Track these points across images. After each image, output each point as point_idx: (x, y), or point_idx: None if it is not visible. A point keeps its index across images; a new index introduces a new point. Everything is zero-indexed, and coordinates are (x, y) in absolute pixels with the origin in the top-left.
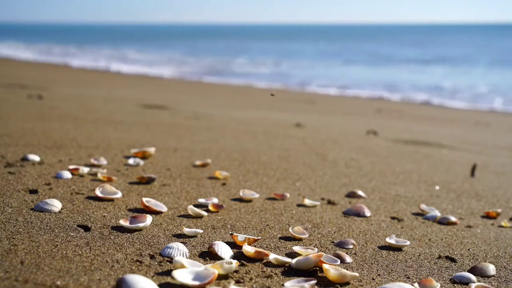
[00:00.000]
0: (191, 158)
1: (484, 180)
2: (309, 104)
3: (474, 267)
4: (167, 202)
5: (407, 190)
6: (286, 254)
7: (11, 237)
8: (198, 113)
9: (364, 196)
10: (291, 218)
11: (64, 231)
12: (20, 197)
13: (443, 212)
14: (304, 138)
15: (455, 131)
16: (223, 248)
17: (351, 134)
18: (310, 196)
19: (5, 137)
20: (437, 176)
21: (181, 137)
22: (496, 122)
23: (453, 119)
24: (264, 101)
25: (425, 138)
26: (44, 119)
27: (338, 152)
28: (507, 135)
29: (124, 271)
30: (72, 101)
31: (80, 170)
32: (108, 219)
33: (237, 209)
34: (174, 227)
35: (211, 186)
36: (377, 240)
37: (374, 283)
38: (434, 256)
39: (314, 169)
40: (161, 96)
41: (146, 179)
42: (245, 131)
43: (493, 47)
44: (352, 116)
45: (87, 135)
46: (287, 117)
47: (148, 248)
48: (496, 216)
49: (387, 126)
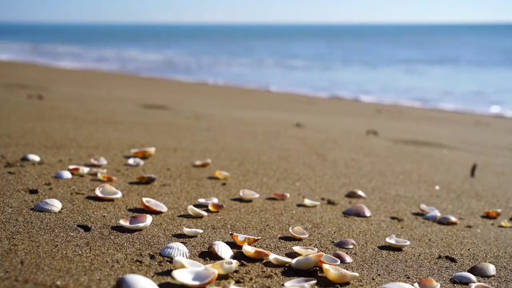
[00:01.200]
0: (191, 158)
1: (484, 180)
2: (309, 104)
3: (474, 267)
4: (167, 202)
5: (407, 190)
6: (286, 254)
7: (11, 237)
8: (198, 113)
9: (364, 196)
10: (291, 218)
11: (64, 231)
12: (20, 197)
13: (443, 212)
14: (304, 138)
15: (455, 131)
16: (223, 248)
17: (351, 134)
18: (310, 196)
19: (5, 137)
20: (437, 176)
21: (181, 137)
22: (496, 122)
23: (453, 119)
24: (264, 101)
25: (425, 138)
26: (44, 119)
27: (338, 152)
28: (507, 135)
29: (124, 271)
30: (72, 101)
31: (80, 170)
32: (108, 219)
33: (237, 209)
34: (174, 227)
35: (211, 186)
36: (377, 240)
37: (374, 283)
38: (434, 256)
39: (314, 169)
40: (161, 96)
41: (146, 179)
42: (245, 131)
43: (495, 47)
44: (352, 116)
45: (87, 135)
46: (287, 117)
47: (148, 248)
48: (496, 216)
49: (387, 126)
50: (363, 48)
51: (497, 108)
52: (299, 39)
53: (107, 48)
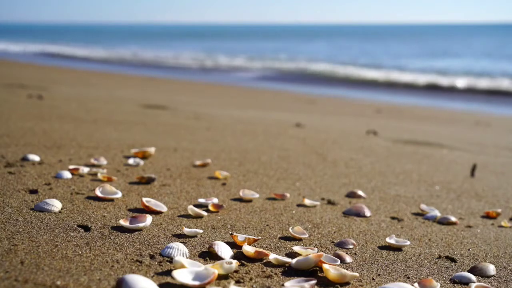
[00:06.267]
0: (191, 158)
1: (484, 180)
2: (309, 104)
3: (474, 267)
4: (167, 202)
5: (407, 190)
6: (286, 254)
7: (11, 237)
8: (198, 113)
9: (364, 196)
10: (291, 218)
11: (64, 231)
12: (20, 197)
13: (443, 212)
14: (304, 138)
15: (455, 131)
16: (223, 248)
17: (351, 134)
18: (310, 196)
19: (5, 137)
20: (437, 176)
21: (181, 137)
22: (496, 122)
23: (453, 119)
24: (264, 101)
25: (425, 138)
26: (44, 119)
27: (338, 152)
28: (507, 135)
29: (124, 271)
30: (72, 101)
31: (80, 170)
32: (108, 219)
33: (237, 209)
34: (174, 227)
35: (211, 186)
36: (377, 240)
37: (374, 283)
38: (434, 256)
39: (314, 169)
40: (161, 96)
41: (146, 179)
42: (245, 131)
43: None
44: (352, 116)
45: (87, 135)
46: (287, 117)
47: (148, 248)
48: (496, 216)
49: (387, 126)
50: (364, 47)
51: (498, 108)
52: (300, 39)
53: (108, 48)
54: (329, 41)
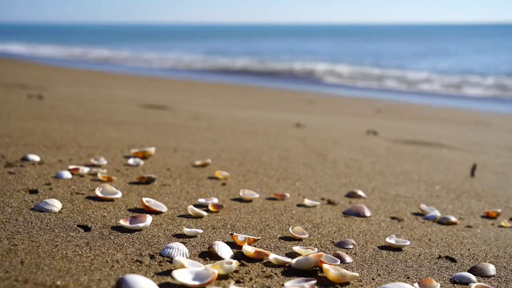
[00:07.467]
0: (191, 158)
1: (484, 180)
2: (309, 104)
3: (474, 267)
4: (167, 202)
5: (407, 190)
6: (286, 254)
7: (11, 237)
8: (198, 113)
9: (364, 196)
10: (291, 218)
11: (64, 231)
12: (20, 197)
13: (443, 212)
14: (304, 138)
15: (455, 131)
16: (223, 248)
17: (351, 134)
18: (310, 196)
19: (5, 137)
20: (437, 176)
21: (181, 137)
22: (497, 122)
23: (453, 119)
24: (264, 101)
25: (425, 138)
26: (44, 119)
27: (338, 152)
28: (507, 135)
29: (124, 271)
30: (72, 101)
31: (80, 170)
32: (108, 219)
33: (237, 209)
34: (174, 227)
35: (211, 186)
36: (377, 240)
37: (374, 283)
38: (434, 256)
39: (314, 169)
40: (161, 96)
41: (146, 179)
42: (245, 131)
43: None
44: (352, 116)
45: (87, 135)
46: (287, 117)
47: (148, 248)
48: (496, 216)
49: (387, 126)
50: (365, 47)
51: (498, 107)
52: (301, 39)
53: (106, 48)
54: (330, 41)
